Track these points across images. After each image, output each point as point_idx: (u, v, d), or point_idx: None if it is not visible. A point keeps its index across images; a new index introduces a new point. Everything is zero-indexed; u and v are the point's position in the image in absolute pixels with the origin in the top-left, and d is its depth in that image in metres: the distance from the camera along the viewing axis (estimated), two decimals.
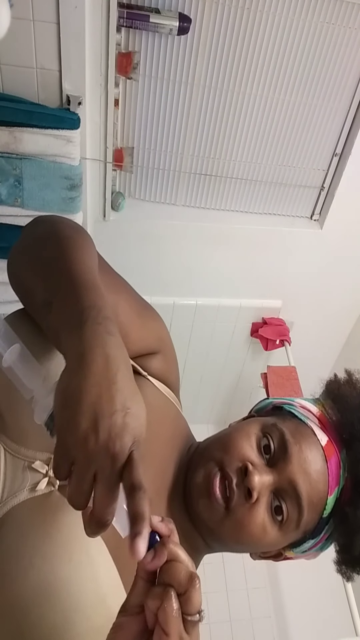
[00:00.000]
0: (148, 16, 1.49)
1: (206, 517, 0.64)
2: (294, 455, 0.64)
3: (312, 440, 0.66)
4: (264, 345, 2.29)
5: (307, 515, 0.64)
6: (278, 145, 1.87)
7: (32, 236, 0.65)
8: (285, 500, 0.64)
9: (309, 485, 0.64)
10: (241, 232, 2.01)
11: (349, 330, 2.49)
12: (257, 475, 0.62)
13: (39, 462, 0.60)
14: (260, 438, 0.67)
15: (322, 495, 0.65)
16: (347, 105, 1.80)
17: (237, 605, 2.26)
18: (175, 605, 0.42)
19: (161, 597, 0.42)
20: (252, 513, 0.63)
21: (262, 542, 0.65)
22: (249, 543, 0.65)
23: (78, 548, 0.55)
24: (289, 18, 1.59)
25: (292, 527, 0.65)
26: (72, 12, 1.39)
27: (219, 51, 1.63)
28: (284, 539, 0.66)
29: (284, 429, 0.66)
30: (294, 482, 0.63)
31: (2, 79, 1.49)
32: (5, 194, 1.59)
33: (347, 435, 0.68)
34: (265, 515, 0.64)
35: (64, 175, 1.59)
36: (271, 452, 0.65)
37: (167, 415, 0.74)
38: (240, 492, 0.63)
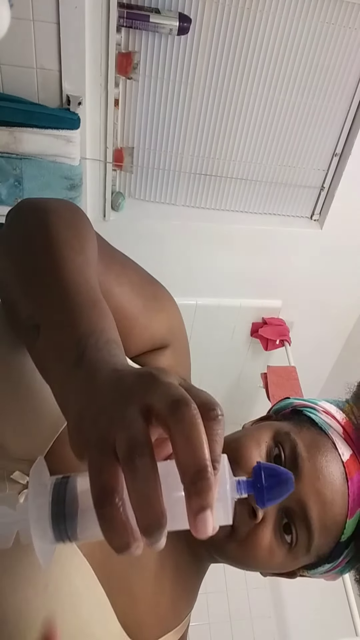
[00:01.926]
0: (148, 16, 1.49)
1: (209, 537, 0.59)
2: (306, 472, 0.57)
3: (331, 456, 0.58)
4: (264, 345, 2.29)
5: (318, 540, 0.57)
6: (278, 145, 1.87)
7: (18, 231, 0.52)
8: (295, 522, 0.57)
9: (322, 507, 0.56)
10: (241, 232, 2.01)
11: (349, 330, 2.49)
12: None
13: (18, 473, 0.53)
14: (272, 447, 0.60)
15: (338, 519, 0.57)
16: (347, 105, 1.80)
17: (237, 605, 2.26)
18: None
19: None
20: (257, 534, 0.56)
21: (269, 565, 0.59)
22: (255, 566, 0.60)
23: (57, 573, 0.49)
24: (289, 18, 1.59)
25: (303, 551, 0.58)
26: (72, 12, 1.39)
27: (219, 51, 1.63)
28: (294, 562, 0.60)
29: (298, 441, 0.59)
30: (303, 503, 0.56)
31: (2, 79, 1.49)
32: (5, 194, 1.59)
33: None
34: (272, 536, 0.57)
35: (64, 175, 1.59)
36: (282, 461, 0.58)
37: None
38: (244, 510, 0.56)
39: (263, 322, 2.29)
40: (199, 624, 2.13)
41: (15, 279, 0.48)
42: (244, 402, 2.67)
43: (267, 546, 0.57)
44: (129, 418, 0.31)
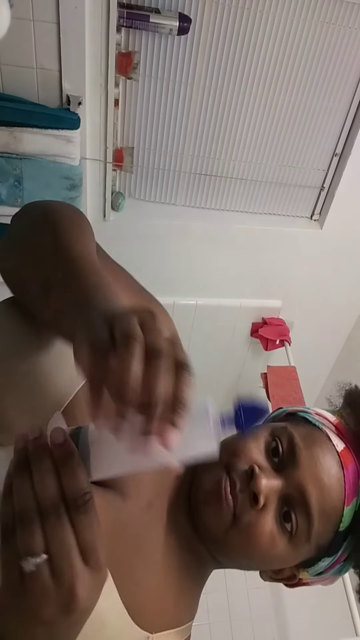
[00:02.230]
0: (148, 16, 1.49)
1: (212, 525, 0.60)
2: (304, 460, 0.60)
3: (325, 446, 0.62)
4: (264, 345, 2.29)
5: (317, 525, 0.59)
6: (278, 145, 1.87)
7: (27, 222, 0.59)
8: (295, 509, 0.59)
9: (320, 492, 0.59)
10: (241, 232, 2.01)
11: (349, 330, 2.49)
12: (264, 479, 0.58)
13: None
14: (269, 442, 0.63)
15: (336, 505, 0.60)
16: (347, 105, 1.80)
17: (237, 605, 2.26)
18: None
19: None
20: (259, 521, 0.58)
21: (271, 554, 0.60)
22: (257, 555, 0.61)
23: None
24: (289, 18, 1.59)
25: (303, 539, 0.60)
26: (72, 12, 1.39)
27: (219, 51, 1.62)
28: (295, 553, 0.61)
29: (294, 432, 0.62)
30: (302, 488, 0.59)
31: (2, 79, 1.49)
32: (5, 194, 1.59)
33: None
34: (274, 524, 0.59)
35: (64, 175, 1.59)
36: (280, 456, 0.61)
37: None
38: (246, 497, 0.59)
39: (263, 322, 2.29)
40: (199, 624, 2.13)
41: (27, 257, 0.54)
42: None
43: (269, 533, 0.58)
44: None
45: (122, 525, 0.58)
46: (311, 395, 2.58)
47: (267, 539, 0.59)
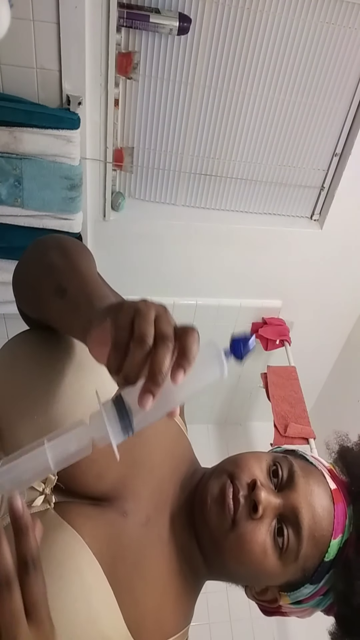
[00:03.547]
0: (148, 16, 1.49)
1: (213, 526, 0.64)
2: (301, 485, 0.65)
3: (321, 480, 0.67)
4: (264, 345, 2.29)
5: (306, 547, 0.63)
6: (278, 145, 1.87)
7: (39, 251, 0.68)
8: (288, 527, 0.64)
9: (312, 517, 0.64)
10: (241, 232, 2.01)
11: (349, 330, 2.49)
12: (265, 492, 0.63)
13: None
14: (270, 465, 0.68)
15: (325, 533, 0.64)
16: (347, 105, 1.80)
17: (237, 605, 2.25)
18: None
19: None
20: (255, 530, 0.63)
21: (262, 565, 0.64)
22: (249, 563, 0.64)
23: (69, 567, 0.55)
24: (289, 18, 1.59)
25: (292, 557, 0.64)
26: (72, 12, 1.39)
27: (219, 51, 1.63)
28: (283, 570, 0.65)
29: (294, 462, 0.68)
30: (296, 510, 0.64)
31: (2, 79, 1.49)
32: (5, 194, 1.59)
33: (356, 488, 0.68)
34: (268, 536, 0.63)
35: (64, 175, 1.59)
36: (279, 478, 0.66)
37: (166, 432, 0.72)
38: (246, 505, 0.63)
39: (263, 322, 2.29)
40: (199, 624, 2.13)
41: (41, 271, 0.63)
42: (244, 402, 2.67)
43: (262, 543, 0.63)
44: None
45: (122, 545, 0.61)
46: (311, 395, 2.58)
47: (260, 549, 0.63)
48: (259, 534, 0.63)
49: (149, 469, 0.67)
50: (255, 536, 0.63)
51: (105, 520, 0.61)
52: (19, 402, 0.61)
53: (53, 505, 0.60)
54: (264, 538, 0.63)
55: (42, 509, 0.59)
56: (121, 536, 0.61)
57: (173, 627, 0.65)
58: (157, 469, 0.69)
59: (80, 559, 0.56)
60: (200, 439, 0.74)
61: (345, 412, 2.43)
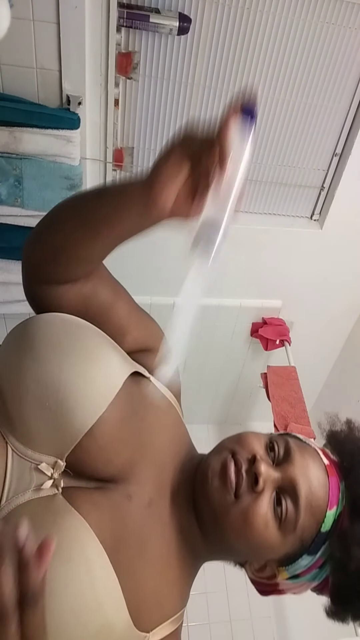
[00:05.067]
0: (148, 16, 1.49)
1: (216, 501, 0.66)
2: (297, 459, 0.68)
3: (315, 455, 0.71)
4: (264, 345, 2.29)
5: (304, 517, 0.66)
6: (278, 145, 1.87)
7: (46, 216, 0.73)
8: (286, 497, 0.66)
9: (309, 488, 0.67)
10: (241, 232, 2.01)
11: (349, 330, 2.49)
12: (265, 466, 0.66)
13: (44, 464, 0.61)
14: (268, 443, 0.71)
15: (321, 503, 0.67)
16: (347, 105, 1.80)
17: (237, 605, 2.26)
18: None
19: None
20: (256, 503, 0.65)
21: (263, 537, 0.66)
22: (251, 537, 0.66)
23: (77, 551, 0.57)
24: (289, 18, 1.59)
25: (291, 527, 0.66)
26: (72, 12, 1.39)
27: (219, 51, 1.63)
28: (282, 541, 0.67)
29: (290, 440, 0.72)
30: (294, 481, 0.66)
31: (2, 79, 1.49)
32: (5, 194, 1.59)
33: (347, 465, 0.72)
34: (268, 509, 0.66)
35: (64, 175, 1.59)
36: (276, 453, 0.70)
37: (168, 417, 0.75)
38: (248, 479, 0.66)
39: (263, 322, 2.29)
40: (199, 624, 2.13)
41: (67, 205, 0.71)
42: (244, 402, 2.67)
43: (264, 515, 0.65)
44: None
45: (126, 529, 0.63)
46: (311, 395, 2.58)
47: (262, 521, 0.65)
48: (260, 507, 0.65)
49: (153, 453, 0.70)
50: (257, 509, 0.65)
51: (111, 505, 0.63)
52: (30, 388, 0.62)
53: (61, 490, 0.62)
54: (265, 511, 0.65)
55: (51, 494, 0.61)
56: (125, 520, 0.63)
57: (171, 608, 0.67)
58: (160, 453, 0.71)
59: (87, 545, 0.57)
60: (200, 439, 0.76)
61: (346, 412, 2.43)
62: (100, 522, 0.60)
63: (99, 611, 0.56)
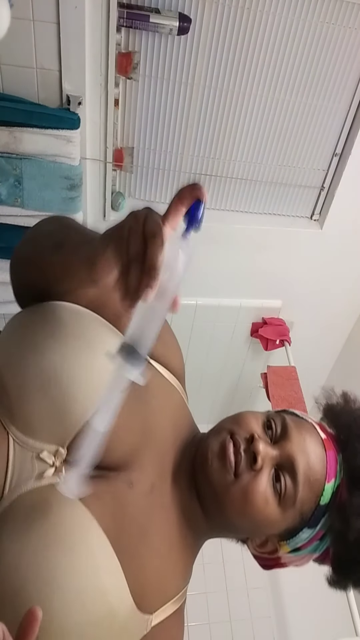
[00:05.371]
0: (148, 16, 1.49)
1: (216, 481, 0.67)
2: (294, 436, 0.70)
3: (312, 430, 0.72)
4: (264, 345, 2.29)
5: (302, 491, 0.67)
6: (278, 145, 1.87)
7: (32, 229, 0.73)
8: (284, 473, 0.68)
9: (306, 463, 0.68)
10: (241, 232, 2.01)
11: (349, 330, 2.49)
12: (262, 444, 0.68)
13: (46, 453, 0.62)
14: (265, 421, 0.72)
15: (319, 477, 0.68)
16: (347, 105, 1.80)
17: (237, 605, 2.26)
18: None
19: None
20: (256, 481, 0.67)
21: (263, 514, 0.67)
22: (251, 514, 0.67)
23: (79, 540, 0.57)
24: (289, 18, 1.59)
25: (290, 502, 0.68)
26: (72, 12, 1.39)
27: (219, 51, 1.63)
28: (283, 516, 0.68)
29: (286, 417, 0.73)
30: (292, 457, 0.68)
31: (2, 79, 1.49)
32: (5, 194, 1.59)
33: (344, 437, 0.73)
34: (268, 486, 0.67)
35: (64, 175, 1.59)
36: (273, 431, 0.71)
37: (170, 401, 0.76)
38: (247, 458, 0.67)
39: (263, 322, 2.29)
40: (199, 624, 2.13)
41: (39, 236, 0.72)
42: (244, 402, 2.67)
43: (263, 492, 0.67)
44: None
45: (128, 516, 0.64)
46: (311, 395, 2.58)
47: (262, 498, 0.67)
48: (260, 484, 0.66)
49: (155, 438, 0.70)
50: (257, 486, 0.66)
51: (113, 493, 0.63)
52: (31, 377, 0.62)
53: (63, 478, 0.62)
54: (265, 487, 0.67)
55: (53, 482, 0.61)
56: (127, 507, 0.64)
57: (173, 589, 0.69)
58: (163, 438, 0.71)
59: (89, 533, 0.58)
60: None
61: None
62: (102, 509, 0.61)
63: (103, 599, 0.57)
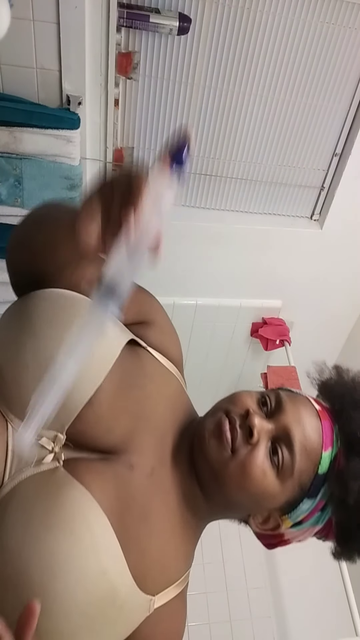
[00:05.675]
0: (148, 16, 1.49)
1: (213, 458, 0.68)
2: (289, 408, 0.71)
3: (306, 402, 0.73)
4: (264, 345, 2.29)
5: (300, 461, 0.68)
6: (278, 145, 1.87)
7: (26, 216, 0.74)
8: (281, 445, 0.69)
9: (302, 433, 0.69)
10: (241, 232, 2.01)
11: (349, 330, 2.49)
12: (258, 418, 0.69)
13: (45, 439, 0.62)
14: (260, 398, 0.74)
15: (315, 446, 0.69)
16: (347, 105, 1.80)
17: (237, 605, 2.26)
18: None
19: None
20: (253, 454, 0.67)
21: (263, 486, 0.68)
22: (250, 487, 0.68)
23: (79, 522, 0.58)
24: (289, 18, 1.59)
25: (289, 473, 0.68)
26: (72, 12, 1.39)
27: (219, 51, 1.63)
28: (282, 488, 0.69)
29: (281, 392, 0.74)
30: (287, 429, 0.69)
31: (2, 79, 1.49)
32: (5, 194, 1.59)
33: (339, 407, 0.74)
34: (265, 459, 0.68)
35: (64, 175, 1.59)
36: (268, 406, 0.72)
37: (168, 387, 0.76)
38: (243, 433, 0.68)
39: (263, 322, 2.29)
40: (199, 624, 2.13)
41: (30, 221, 0.73)
42: None
43: (261, 465, 0.67)
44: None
45: (129, 497, 0.65)
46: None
47: (260, 471, 0.67)
48: (257, 457, 0.67)
49: (153, 422, 0.71)
50: (254, 459, 0.67)
51: (113, 474, 0.64)
52: (29, 364, 0.62)
53: (62, 463, 0.63)
54: (262, 460, 0.68)
55: (52, 467, 0.62)
56: (128, 489, 0.65)
57: (176, 573, 0.70)
58: (161, 422, 0.72)
59: (90, 515, 0.59)
60: None
61: None
62: (103, 491, 0.61)
63: (103, 578, 0.58)
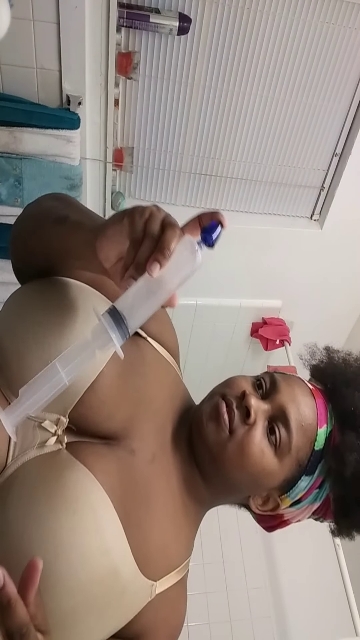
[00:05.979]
0: (148, 16, 1.49)
1: (212, 441, 0.69)
2: (283, 388, 0.73)
3: (300, 383, 0.75)
4: (264, 345, 2.29)
5: (297, 437, 0.70)
6: (278, 145, 1.87)
7: (33, 204, 0.74)
8: (278, 424, 0.70)
9: (297, 410, 0.71)
10: (241, 232, 2.01)
11: (349, 330, 2.49)
12: (254, 398, 0.70)
13: (48, 422, 0.63)
14: (255, 381, 0.75)
15: (311, 422, 0.71)
16: (347, 105, 1.80)
17: (237, 605, 2.26)
18: None
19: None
20: (250, 434, 0.69)
21: (261, 465, 0.69)
22: (249, 467, 0.69)
23: (82, 502, 0.59)
24: (289, 18, 1.59)
25: (286, 450, 0.70)
26: (72, 12, 1.39)
27: (219, 51, 1.63)
28: (280, 466, 0.70)
29: (274, 374, 0.76)
30: (283, 407, 0.71)
31: (2, 79, 1.50)
32: (5, 194, 1.59)
33: (331, 385, 0.76)
34: (262, 438, 0.69)
35: (64, 175, 1.59)
36: (263, 389, 0.74)
37: (166, 376, 0.77)
38: (240, 414, 0.70)
39: (263, 322, 2.29)
40: (199, 624, 2.13)
41: (42, 210, 0.72)
42: None
43: (259, 444, 0.69)
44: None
45: (132, 481, 0.66)
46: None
47: (258, 449, 0.69)
48: (255, 437, 0.69)
49: (153, 409, 0.72)
50: (252, 439, 0.68)
51: (116, 458, 0.65)
52: (32, 349, 0.63)
53: (65, 445, 0.63)
54: (260, 439, 0.69)
55: (55, 449, 0.62)
56: (130, 474, 0.66)
57: (177, 558, 0.71)
58: (161, 409, 0.73)
59: (93, 495, 0.59)
60: None
61: None
62: (106, 473, 0.62)
63: (106, 556, 0.58)
